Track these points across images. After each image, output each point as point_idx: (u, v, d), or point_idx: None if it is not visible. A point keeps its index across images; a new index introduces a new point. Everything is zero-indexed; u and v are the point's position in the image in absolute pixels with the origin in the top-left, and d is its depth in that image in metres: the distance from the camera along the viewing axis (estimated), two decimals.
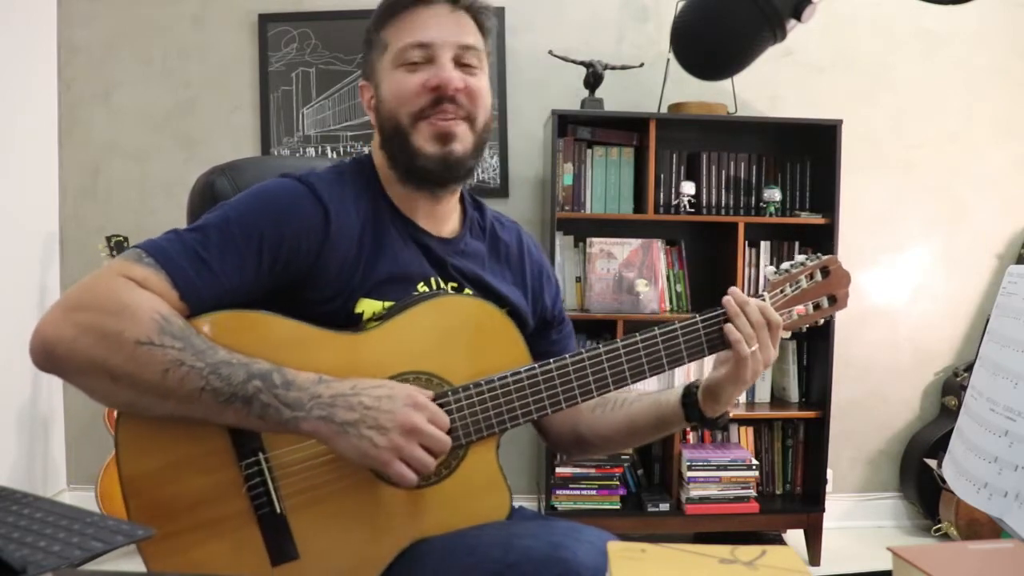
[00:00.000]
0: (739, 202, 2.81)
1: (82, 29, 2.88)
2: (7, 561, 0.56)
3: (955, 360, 3.03)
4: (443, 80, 1.06)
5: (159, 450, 0.96)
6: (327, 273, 1.05)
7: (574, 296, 2.80)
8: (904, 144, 3.00)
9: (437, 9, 1.09)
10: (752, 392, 2.84)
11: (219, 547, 0.97)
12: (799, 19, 0.63)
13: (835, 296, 1.14)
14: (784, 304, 1.12)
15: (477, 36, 1.11)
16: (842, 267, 1.14)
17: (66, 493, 2.88)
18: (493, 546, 0.95)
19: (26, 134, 2.76)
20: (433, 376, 1.05)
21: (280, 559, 0.98)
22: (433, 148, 1.08)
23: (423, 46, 1.07)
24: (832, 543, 2.74)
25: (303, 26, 2.88)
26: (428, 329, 1.05)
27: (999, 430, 0.67)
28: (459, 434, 1.02)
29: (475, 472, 1.05)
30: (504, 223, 1.28)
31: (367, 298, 1.06)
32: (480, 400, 1.03)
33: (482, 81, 1.11)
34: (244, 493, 0.97)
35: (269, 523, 0.98)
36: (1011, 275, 0.75)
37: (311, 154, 2.94)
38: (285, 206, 1.03)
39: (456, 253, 1.16)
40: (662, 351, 1.09)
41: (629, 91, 2.87)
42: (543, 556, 0.89)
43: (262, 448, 0.98)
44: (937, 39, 2.97)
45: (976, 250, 3.02)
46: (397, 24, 1.09)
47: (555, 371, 1.05)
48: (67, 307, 0.93)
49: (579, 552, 0.88)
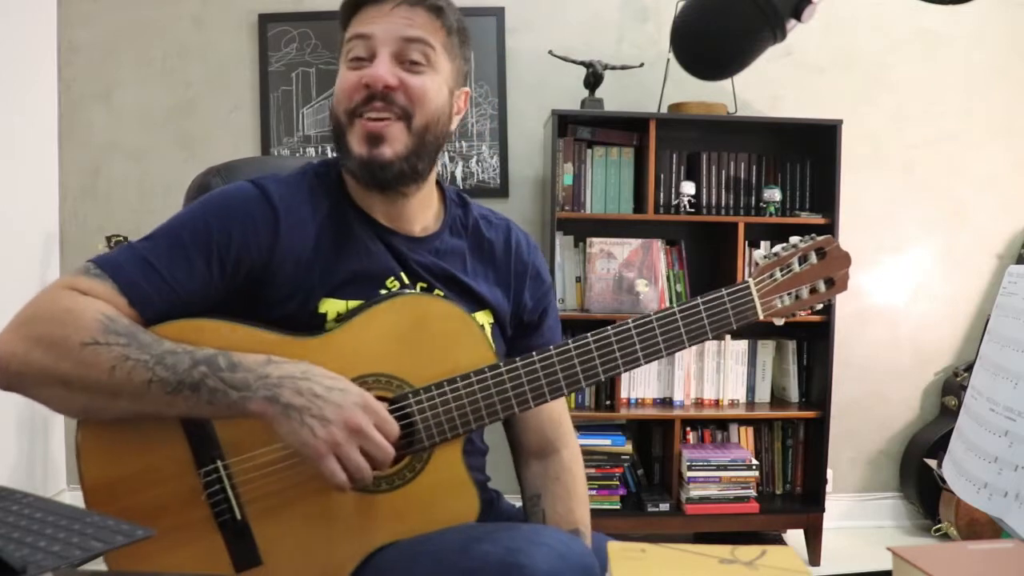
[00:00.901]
0: (739, 202, 2.81)
1: (82, 29, 2.88)
2: (7, 561, 0.56)
3: (955, 360, 3.03)
4: (373, 76, 1.02)
5: (119, 460, 0.96)
6: (282, 273, 1.03)
7: (574, 296, 2.80)
8: (904, 144, 3.00)
9: (388, 3, 1.05)
10: (752, 392, 2.84)
11: (183, 555, 0.96)
12: (799, 19, 0.63)
13: (833, 279, 1.08)
14: (773, 290, 1.06)
15: (430, 30, 1.06)
16: (840, 247, 1.08)
17: (66, 493, 2.88)
18: (453, 551, 0.93)
19: (26, 134, 2.76)
20: (394, 378, 1.02)
21: (243, 565, 0.97)
22: (361, 149, 1.05)
23: (363, 37, 1.05)
24: (832, 543, 2.74)
25: (303, 26, 2.88)
26: (388, 330, 1.02)
27: (999, 430, 0.67)
28: (422, 436, 1.00)
29: (441, 475, 1.03)
30: (493, 221, 1.24)
31: (330, 298, 1.05)
32: (443, 402, 1.01)
33: (427, 79, 1.06)
34: (204, 501, 0.96)
35: (231, 530, 0.97)
36: (1011, 275, 0.75)
37: (311, 154, 2.94)
38: (233, 209, 1.03)
39: (427, 251, 1.12)
40: (637, 345, 1.04)
41: (629, 91, 2.87)
42: (499, 562, 0.87)
43: (221, 456, 0.97)
44: (937, 39, 2.97)
45: (976, 250, 3.03)
46: (353, 20, 1.07)
47: (521, 370, 1.02)
48: (16, 324, 0.94)
49: (536, 557, 0.86)
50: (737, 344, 2.79)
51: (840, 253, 1.08)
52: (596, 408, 2.73)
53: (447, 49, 1.09)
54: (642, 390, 2.79)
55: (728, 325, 1.06)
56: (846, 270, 1.09)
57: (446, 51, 1.09)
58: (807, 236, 1.10)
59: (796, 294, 1.08)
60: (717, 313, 1.05)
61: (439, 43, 1.07)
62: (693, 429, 2.81)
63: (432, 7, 1.06)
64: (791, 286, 1.07)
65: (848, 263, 1.08)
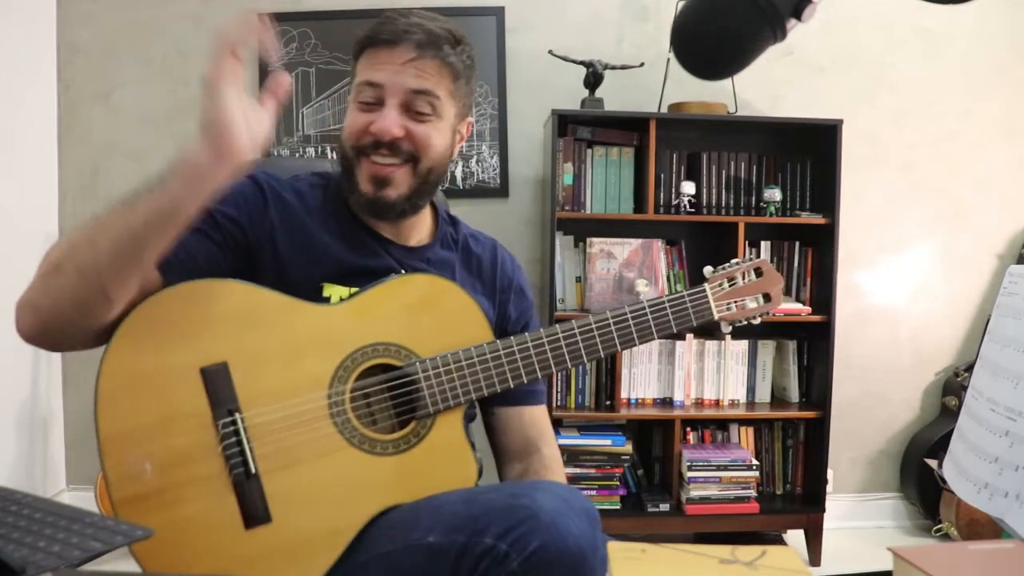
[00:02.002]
0: (739, 202, 2.81)
1: (82, 29, 2.88)
2: (7, 561, 0.56)
3: (955, 360, 3.03)
4: (381, 129, 1.11)
5: (136, 411, 0.98)
6: (274, 252, 1.11)
7: (574, 296, 2.80)
8: (904, 144, 3.00)
9: (398, 52, 1.11)
10: (752, 392, 2.84)
11: (192, 508, 0.98)
12: (799, 19, 0.63)
13: (769, 294, 1.27)
14: (723, 296, 1.24)
15: (439, 81, 1.13)
16: (773, 269, 1.28)
17: (66, 493, 2.88)
18: (456, 503, 0.98)
19: (26, 134, 2.76)
20: (402, 348, 1.09)
21: (253, 522, 0.99)
22: (368, 187, 1.14)
23: (373, 85, 1.12)
24: (832, 543, 2.74)
25: (303, 26, 2.88)
26: (398, 304, 1.11)
27: (999, 430, 0.67)
28: (427, 403, 1.08)
29: (443, 441, 1.09)
30: (480, 239, 1.33)
31: (334, 284, 1.12)
32: (447, 371, 1.09)
33: (432, 127, 1.14)
34: (220, 453, 0.98)
35: (243, 485, 0.99)
36: (1011, 275, 0.75)
37: (311, 154, 2.94)
38: (230, 190, 1.07)
39: (421, 260, 1.21)
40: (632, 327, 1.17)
41: (629, 91, 2.87)
42: (504, 504, 0.92)
43: (238, 408, 1.00)
44: (937, 39, 2.97)
45: (976, 250, 3.02)
46: (365, 58, 1.15)
47: (529, 344, 1.13)
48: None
49: (538, 498, 0.91)
50: (737, 344, 2.79)
51: (774, 274, 1.28)
52: (596, 408, 2.73)
53: (453, 95, 1.16)
54: (642, 390, 2.79)
55: (688, 320, 1.21)
56: (778, 288, 1.27)
57: (452, 97, 1.16)
58: (747, 258, 1.30)
59: (741, 304, 1.26)
60: (680, 309, 1.20)
61: (446, 91, 1.14)
62: (693, 429, 2.81)
63: (441, 56, 1.12)
64: (737, 296, 1.26)
65: (779, 282, 1.28)
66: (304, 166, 1.41)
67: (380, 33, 1.12)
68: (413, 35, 1.11)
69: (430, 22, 1.14)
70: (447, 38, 1.13)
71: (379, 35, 1.12)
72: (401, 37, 1.11)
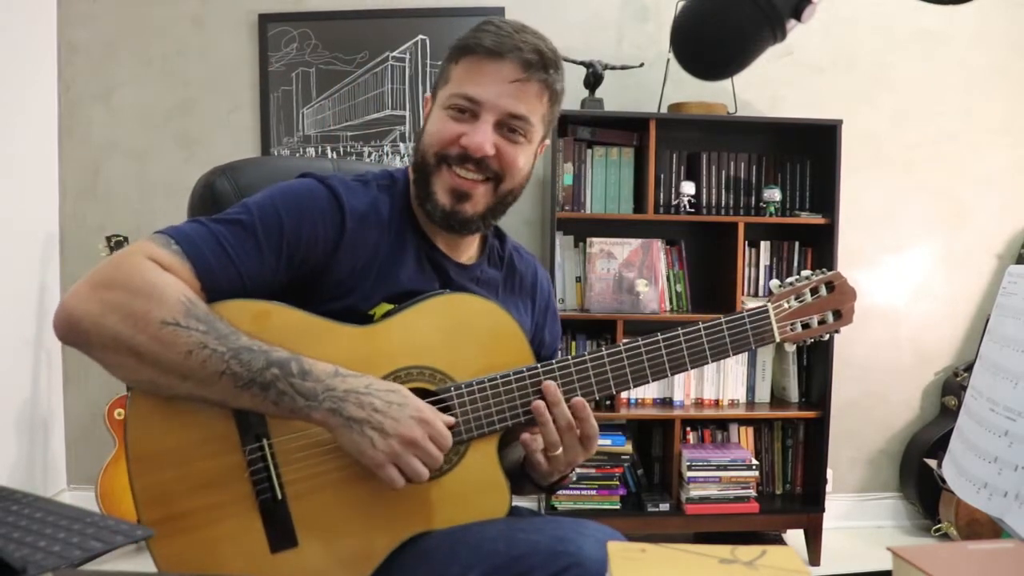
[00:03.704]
0: (739, 202, 2.81)
1: (82, 29, 2.88)
2: (7, 561, 0.56)
3: (955, 360, 3.03)
4: (473, 144, 1.06)
5: (167, 433, 0.98)
6: (340, 273, 1.07)
7: (574, 296, 2.80)
8: (904, 144, 3.00)
9: (505, 68, 1.06)
10: (752, 392, 2.84)
11: (220, 531, 0.98)
12: (799, 19, 0.63)
13: (840, 311, 1.15)
14: (787, 316, 1.13)
15: (536, 106, 1.09)
16: (848, 282, 1.15)
17: (66, 493, 2.88)
18: (497, 540, 0.96)
19: (26, 134, 2.76)
20: (437, 371, 1.06)
21: (279, 546, 0.99)
22: (445, 199, 1.10)
23: (471, 100, 1.07)
24: (832, 543, 2.74)
25: (303, 26, 2.88)
26: (436, 324, 1.07)
27: (999, 430, 0.67)
28: (460, 430, 1.04)
29: (476, 468, 1.06)
30: (523, 254, 1.31)
31: (388, 303, 1.09)
32: (483, 397, 1.05)
33: (521, 150, 1.10)
34: (247, 478, 0.98)
35: (270, 509, 0.99)
36: (1011, 275, 0.75)
37: (311, 154, 2.94)
38: (306, 205, 1.06)
39: (470, 279, 1.18)
40: (664, 358, 1.10)
41: (629, 91, 2.87)
42: (548, 549, 0.90)
43: (266, 434, 0.99)
44: (937, 39, 2.97)
45: (976, 250, 3.02)
46: (465, 64, 1.09)
47: (557, 372, 1.07)
48: (95, 284, 0.95)
49: (584, 546, 0.90)
50: None
51: (848, 288, 1.15)
52: (596, 408, 2.71)
53: (543, 119, 1.13)
54: (642, 390, 2.79)
55: (747, 344, 1.12)
56: (852, 303, 1.16)
57: (542, 122, 1.13)
58: (819, 270, 1.17)
59: (806, 323, 1.15)
60: (738, 332, 1.11)
61: (539, 116, 1.11)
62: (693, 429, 2.81)
63: (546, 80, 1.09)
64: (803, 315, 1.14)
65: (854, 297, 1.16)
66: (304, 166, 1.38)
67: (485, 42, 1.06)
68: (522, 52, 1.06)
69: (539, 40, 1.09)
70: (552, 61, 1.09)
71: (484, 44, 1.06)
72: (510, 52, 1.06)
